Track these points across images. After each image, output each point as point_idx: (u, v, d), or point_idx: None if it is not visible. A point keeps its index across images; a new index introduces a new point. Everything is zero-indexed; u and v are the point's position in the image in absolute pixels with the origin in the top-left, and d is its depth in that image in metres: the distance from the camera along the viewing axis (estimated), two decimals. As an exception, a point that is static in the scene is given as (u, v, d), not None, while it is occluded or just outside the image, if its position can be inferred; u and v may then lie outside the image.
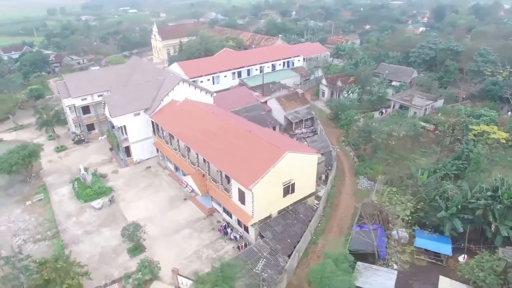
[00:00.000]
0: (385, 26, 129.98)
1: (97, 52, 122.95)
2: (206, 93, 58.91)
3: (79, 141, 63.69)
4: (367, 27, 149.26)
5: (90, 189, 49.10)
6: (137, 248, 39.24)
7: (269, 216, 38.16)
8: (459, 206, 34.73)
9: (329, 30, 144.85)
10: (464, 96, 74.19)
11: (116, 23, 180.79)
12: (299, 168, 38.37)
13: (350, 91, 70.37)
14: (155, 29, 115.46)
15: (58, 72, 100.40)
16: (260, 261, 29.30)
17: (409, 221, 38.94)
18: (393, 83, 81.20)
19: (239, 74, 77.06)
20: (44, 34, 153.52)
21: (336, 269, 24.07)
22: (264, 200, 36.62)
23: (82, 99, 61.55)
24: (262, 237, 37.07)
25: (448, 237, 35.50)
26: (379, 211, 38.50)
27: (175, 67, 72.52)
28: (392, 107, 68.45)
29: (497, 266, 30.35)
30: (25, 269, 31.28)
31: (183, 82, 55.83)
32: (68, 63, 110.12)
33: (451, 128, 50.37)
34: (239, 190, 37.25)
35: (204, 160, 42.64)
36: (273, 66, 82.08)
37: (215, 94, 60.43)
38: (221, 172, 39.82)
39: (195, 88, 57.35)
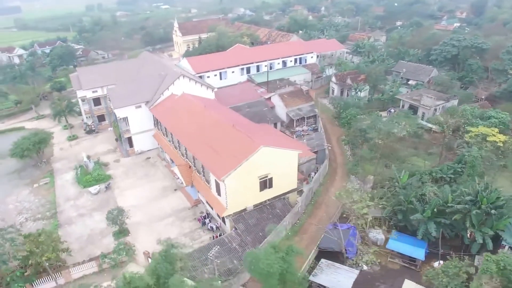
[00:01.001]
0: (413, 22, 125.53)
1: (122, 47, 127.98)
2: (207, 88, 60.29)
3: (90, 131, 67.32)
4: (398, 23, 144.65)
5: (90, 175, 52.05)
6: (121, 232, 41.38)
7: (245, 209, 38.81)
8: (435, 210, 33.61)
9: (355, 27, 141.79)
10: (483, 97, 70.53)
11: (144, 19, 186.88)
12: (277, 163, 38.63)
13: (358, 89, 69.05)
14: (176, 24, 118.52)
15: (83, 65, 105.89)
16: (214, 248, 30.19)
17: (390, 223, 38.47)
18: (410, 82, 78.71)
19: (248, 70, 77.77)
20: (77, 29, 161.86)
21: (274, 256, 24.43)
22: (238, 192, 37.32)
23: (93, 91, 64.93)
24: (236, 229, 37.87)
25: (425, 242, 34.47)
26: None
27: (184, 63, 74.48)
28: (401, 106, 66.47)
29: (463, 272, 29.26)
30: (11, 241, 34.11)
31: (184, 77, 57.41)
32: (93, 57, 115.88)
33: (450, 129, 48.32)
34: (216, 181, 38.23)
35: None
36: (284, 63, 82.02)
37: (216, 89, 61.67)
38: (202, 163, 40.99)
39: (195, 83, 58.83)
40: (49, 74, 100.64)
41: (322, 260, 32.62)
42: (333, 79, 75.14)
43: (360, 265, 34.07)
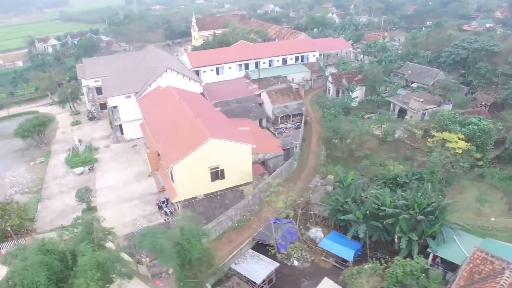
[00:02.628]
0: (439, 22, 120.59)
1: (145, 40, 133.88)
2: (195, 82, 62.91)
3: (91, 118, 72.40)
4: (429, 23, 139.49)
5: (78, 158, 56.59)
6: (90, 209, 45.08)
7: (195, 197, 41.03)
8: (368, 212, 33.85)
9: (379, 26, 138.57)
10: (483, 103, 67.62)
11: (175, 13, 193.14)
12: (229, 155, 40.44)
13: (349, 90, 68.73)
14: (194, 20, 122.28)
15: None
16: (139, 227, 32.72)
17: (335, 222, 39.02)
18: (414, 85, 76.81)
19: (247, 66, 79.44)
20: (109, 22, 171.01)
21: (162, 235, 26.51)
22: (188, 180, 39.62)
23: (95, 81, 69.64)
24: (186, 215, 40.16)
25: (359, 243, 34.82)
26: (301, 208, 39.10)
27: (184, 57, 77.62)
28: (392, 109, 65.49)
29: (377, 275, 29.65)
30: None
31: (171, 70, 60.36)
32: (115, 49, 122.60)
33: (420, 134, 47.47)
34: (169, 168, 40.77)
35: (159, 141, 46.82)
36: (284, 60, 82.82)
37: (203, 83, 64.12)
38: (159, 150, 43.67)
39: (183, 76, 61.61)
40: (72, 64, 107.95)
41: (249, 250, 34.14)
42: (330, 78, 75.10)
43: (291, 260, 35.16)
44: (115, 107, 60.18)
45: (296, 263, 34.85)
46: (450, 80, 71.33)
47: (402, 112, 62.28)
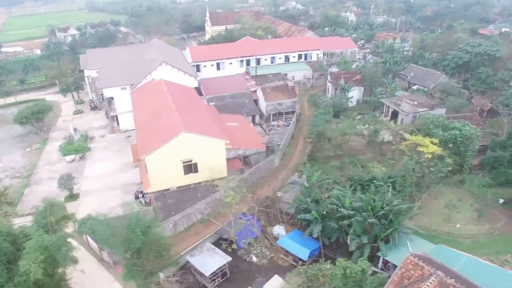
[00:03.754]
0: (450, 25, 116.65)
1: (162, 33, 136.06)
2: (190, 76, 63.69)
3: (93, 108, 74.57)
4: (445, 25, 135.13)
5: (71, 146, 58.57)
6: (72, 196, 46.79)
7: (168, 189, 41.84)
8: (325, 213, 33.61)
9: (395, 27, 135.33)
10: (480, 109, 65.23)
11: (197, 6, 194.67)
12: (201, 150, 41.00)
13: (345, 90, 67.80)
14: (207, 15, 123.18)
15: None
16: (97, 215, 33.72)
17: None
18: (415, 87, 75.04)
19: (248, 62, 79.59)
20: (130, 13, 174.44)
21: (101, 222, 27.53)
22: (160, 172, 40.50)
23: (97, 71, 71.61)
24: (159, 206, 41.07)
25: (318, 243, 34.65)
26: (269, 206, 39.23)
27: (187, 51, 78.56)
28: (385, 111, 64.20)
29: (322, 276, 29.51)
30: None
31: (166, 64, 61.34)
32: (130, 41, 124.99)
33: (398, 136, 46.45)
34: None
35: (141, 133, 47.89)
36: (287, 58, 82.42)
37: (200, 78, 64.77)
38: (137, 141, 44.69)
39: (178, 70, 62.49)
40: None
41: (207, 243, 34.61)
42: (329, 77, 74.26)
43: (250, 255, 35.42)
44: (111, 98, 61.76)
45: (254, 259, 35.08)
46: (451, 84, 69.35)
47: (395, 115, 60.92)
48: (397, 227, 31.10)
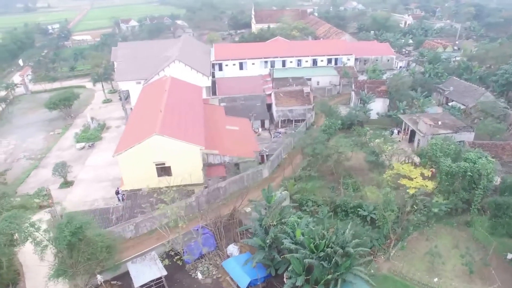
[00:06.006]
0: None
1: (210, 29, 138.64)
2: (202, 75, 63.63)
3: (121, 98, 78.17)
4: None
5: (85, 134, 61.99)
6: (67, 183, 49.51)
7: (140, 189, 42.07)
8: (268, 241, 30.86)
9: (456, 33, 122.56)
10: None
11: (255, 3, 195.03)
12: (175, 153, 40.50)
13: (365, 101, 62.75)
14: (253, 12, 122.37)
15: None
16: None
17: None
18: (451, 103, 67.04)
19: (273, 64, 77.41)
20: (188, 7, 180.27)
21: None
22: (132, 172, 40.84)
23: (116, 64, 74.75)
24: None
25: (264, 271, 32.06)
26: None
27: (212, 49, 78.67)
28: (404, 129, 58.17)
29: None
30: None
31: (179, 61, 61.94)
32: (179, 34, 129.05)
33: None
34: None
35: (133, 129, 48.81)
36: (314, 61, 78.65)
37: (211, 77, 64.37)
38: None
39: (191, 68, 62.75)
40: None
41: (153, 252, 34.00)
42: (353, 86, 69.37)
43: (196, 272, 34.22)
44: (125, 91, 64.09)
45: (200, 276, 33.74)
46: (496, 103, 60.66)
47: (414, 134, 54.83)
48: (344, 272, 27.26)
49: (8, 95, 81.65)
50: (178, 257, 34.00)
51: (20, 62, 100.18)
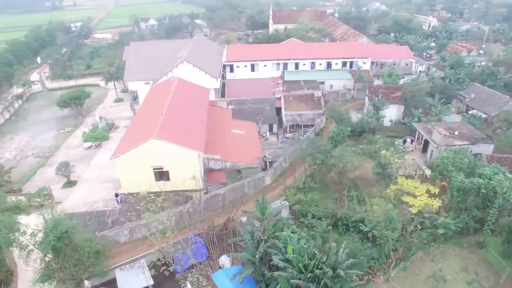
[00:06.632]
0: None
1: (228, 28, 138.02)
2: (211, 76, 62.67)
3: (133, 97, 78.36)
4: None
5: (93, 133, 62.21)
6: (70, 183, 49.59)
7: (138, 193, 41.40)
8: (257, 256, 29.38)
9: (483, 36, 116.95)
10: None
11: (274, 3, 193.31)
12: (173, 158, 39.58)
13: (377, 107, 60.17)
14: (270, 13, 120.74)
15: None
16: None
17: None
18: (472, 111, 63.48)
19: (285, 66, 75.67)
20: (207, 7, 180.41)
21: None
22: (130, 175, 40.14)
23: (126, 64, 74.57)
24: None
25: (254, 285, 30.69)
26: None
27: (224, 49, 77.66)
28: (417, 138, 55.33)
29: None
30: None
31: (187, 62, 61.19)
32: (196, 33, 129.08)
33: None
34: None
35: (136, 131, 48.33)
36: (329, 64, 76.34)
37: (219, 79, 63.33)
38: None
39: (199, 70, 61.90)
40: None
41: (142, 260, 33.18)
42: (367, 90, 66.77)
43: (185, 282, 33.19)
44: (134, 91, 63.94)
45: (189, 286, 32.63)
46: (515, 113, 56.93)
47: (428, 144, 51.99)
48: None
49: (25, 92, 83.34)
50: (165, 267, 32.94)
51: (38, 59, 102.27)
